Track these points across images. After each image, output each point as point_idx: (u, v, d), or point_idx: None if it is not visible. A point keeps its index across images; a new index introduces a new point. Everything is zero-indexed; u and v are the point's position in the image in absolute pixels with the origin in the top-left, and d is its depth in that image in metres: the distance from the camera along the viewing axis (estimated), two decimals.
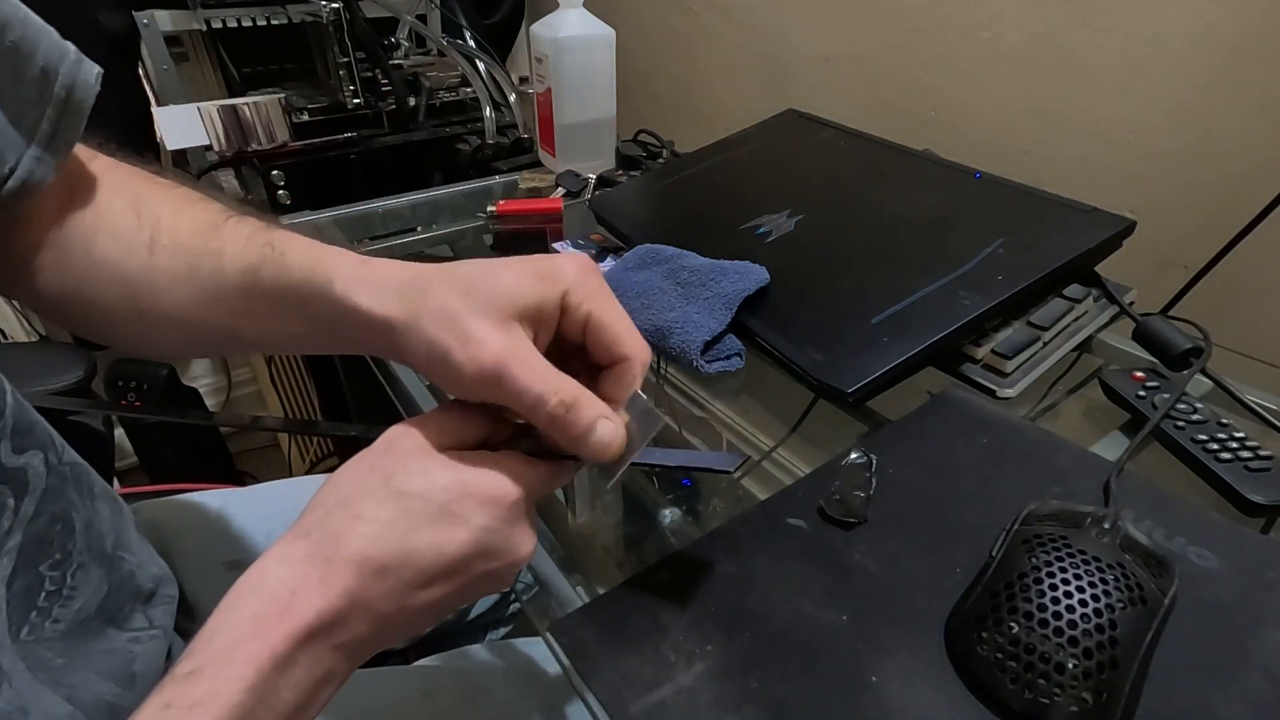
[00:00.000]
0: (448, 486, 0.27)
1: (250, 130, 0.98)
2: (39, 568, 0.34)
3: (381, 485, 0.27)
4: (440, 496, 0.27)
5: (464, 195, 0.95)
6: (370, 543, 0.26)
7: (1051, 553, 0.32)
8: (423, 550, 0.27)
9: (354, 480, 0.28)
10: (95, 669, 0.35)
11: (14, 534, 0.33)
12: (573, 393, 0.29)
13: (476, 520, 0.27)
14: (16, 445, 0.34)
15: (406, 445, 0.29)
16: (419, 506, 0.27)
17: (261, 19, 1.11)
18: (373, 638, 0.27)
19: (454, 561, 0.27)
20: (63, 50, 0.33)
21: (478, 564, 0.28)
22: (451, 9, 1.18)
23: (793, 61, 1.06)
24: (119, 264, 0.36)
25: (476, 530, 0.27)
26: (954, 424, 0.47)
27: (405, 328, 0.29)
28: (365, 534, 0.26)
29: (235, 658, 0.24)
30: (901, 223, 0.61)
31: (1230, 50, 0.64)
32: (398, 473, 0.28)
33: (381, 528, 0.26)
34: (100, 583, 0.38)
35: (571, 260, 0.31)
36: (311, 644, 0.25)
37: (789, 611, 0.35)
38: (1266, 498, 0.41)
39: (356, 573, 0.26)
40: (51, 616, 0.34)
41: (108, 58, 0.97)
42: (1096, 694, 0.29)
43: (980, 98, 0.84)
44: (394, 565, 0.26)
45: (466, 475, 0.28)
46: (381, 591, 0.26)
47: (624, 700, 0.31)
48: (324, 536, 0.27)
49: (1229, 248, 0.60)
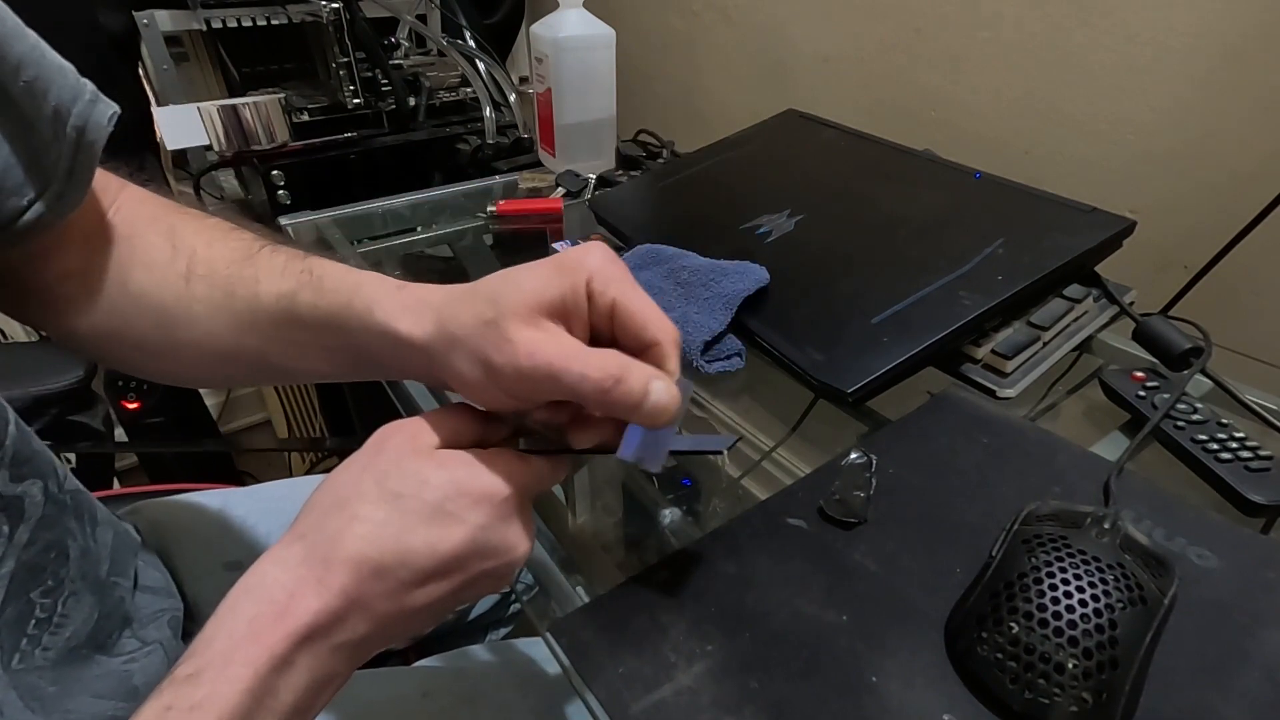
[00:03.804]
0: (441, 485, 0.27)
1: (250, 130, 0.98)
2: (30, 594, 0.34)
3: (375, 486, 0.27)
4: (434, 495, 0.27)
5: (464, 195, 0.95)
6: (367, 543, 0.26)
7: (1051, 553, 0.32)
8: (418, 549, 0.27)
9: (348, 482, 0.28)
10: (91, 693, 0.36)
11: (6, 561, 0.33)
12: (618, 363, 0.28)
13: (471, 519, 0.28)
14: (15, 474, 0.34)
15: (398, 445, 0.29)
16: (413, 506, 0.27)
17: (261, 19, 1.11)
18: (371, 638, 0.28)
19: (450, 560, 0.27)
20: (77, 91, 0.33)
21: (474, 563, 0.28)
22: (451, 9, 1.18)
23: (793, 61, 1.06)
24: (154, 294, 0.36)
25: (471, 529, 0.28)
26: (954, 424, 0.47)
27: (445, 349, 0.30)
28: (361, 534, 0.26)
29: (234, 659, 0.24)
30: (901, 223, 0.61)
31: (1230, 50, 0.64)
32: (391, 473, 0.28)
33: (377, 528, 0.27)
34: (91, 610, 0.37)
35: (593, 249, 0.31)
36: (310, 645, 0.26)
37: (789, 611, 0.35)
38: (1266, 498, 0.41)
39: (353, 573, 0.26)
40: (41, 644, 0.34)
41: (108, 58, 0.97)
42: (1096, 694, 0.29)
43: (980, 98, 0.84)
44: (390, 565, 0.26)
45: (459, 474, 0.28)
46: (379, 591, 0.27)
47: (624, 700, 0.31)
48: (320, 538, 0.27)
49: (1229, 248, 0.60)
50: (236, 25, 1.10)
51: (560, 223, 0.86)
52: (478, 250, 0.85)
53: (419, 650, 0.63)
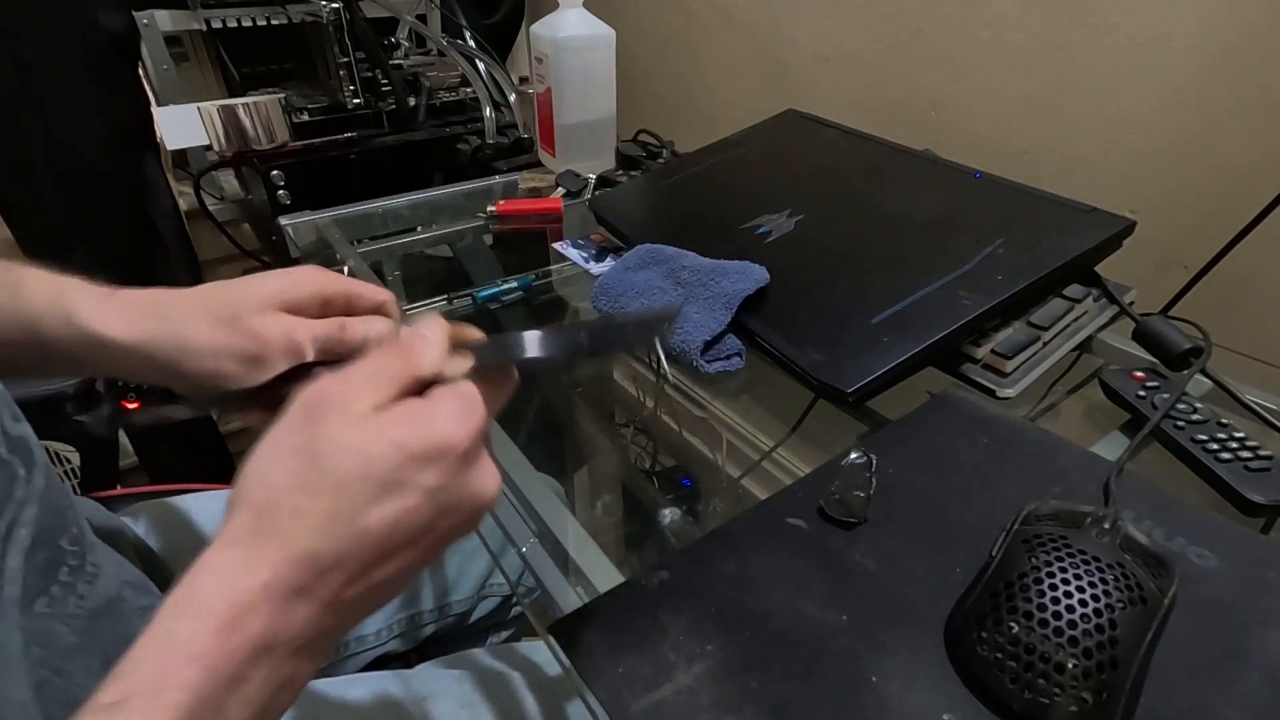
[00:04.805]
0: (384, 455, 0.25)
1: (250, 130, 0.98)
2: (59, 541, 0.34)
3: (313, 471, 0.24)
4: (379, 470, 0.24)
5: (464, 195, 0.95)
6: (316, 537, 0.24)
7: (1051, 553, 0.32)
8: (374, 529, 0.24)
9: (280, 470, 0.25)
10: (105, 657, 0.35)
11: (29, 505, 0.33)
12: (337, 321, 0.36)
13: (425, 481, 0.25)
14: (13, 413, 0.35)
15: (328, 417, 0.25)
16: (359, 488, 0.24)
17: (261, 19, 1.11)
18: (341, 625, 0.26)
19: (411, 530, 0.25)
20: None
21: (440, 521, 0.26)
22: (451, 9, 1.18)
23: (793, 61, 1.06)
24: None
25: (428, 491, 0.25)
26: (954, 424, 0.47)
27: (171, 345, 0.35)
28: (309, 528, 0.24)
29: (169, 684, 0.22)
30: (901, 223, 0.61)
31: (1230, 50, 0.64)
32: (326, 453, 0.25)
33: (324, 520, 0.24)
34: (120, 563, 0.38)
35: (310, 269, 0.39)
36: (266, 656, 0.23)
37: (789, 611, 0.35)
38: (1266, 498, 0.41)
39: (307, 570, 0.24)
40: (78, 593, 0.34)
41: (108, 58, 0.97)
42: (1096, 694, 0.29)
43: (980, 97, 0.84)
44: (348, 553, 0.24)
45: (400, 434, 0.25)
46: (339, 581, 0.25)
47: (624, 700, 0.31)
48: (261, 539, 0.24)
49: (1229, 247, 0.60)
50: (236, 25, 1.10)
51: (560, 223, 0.86)
52: (478, 250, 0.85)
53: (420, 654, 0.63)
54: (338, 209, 0.88)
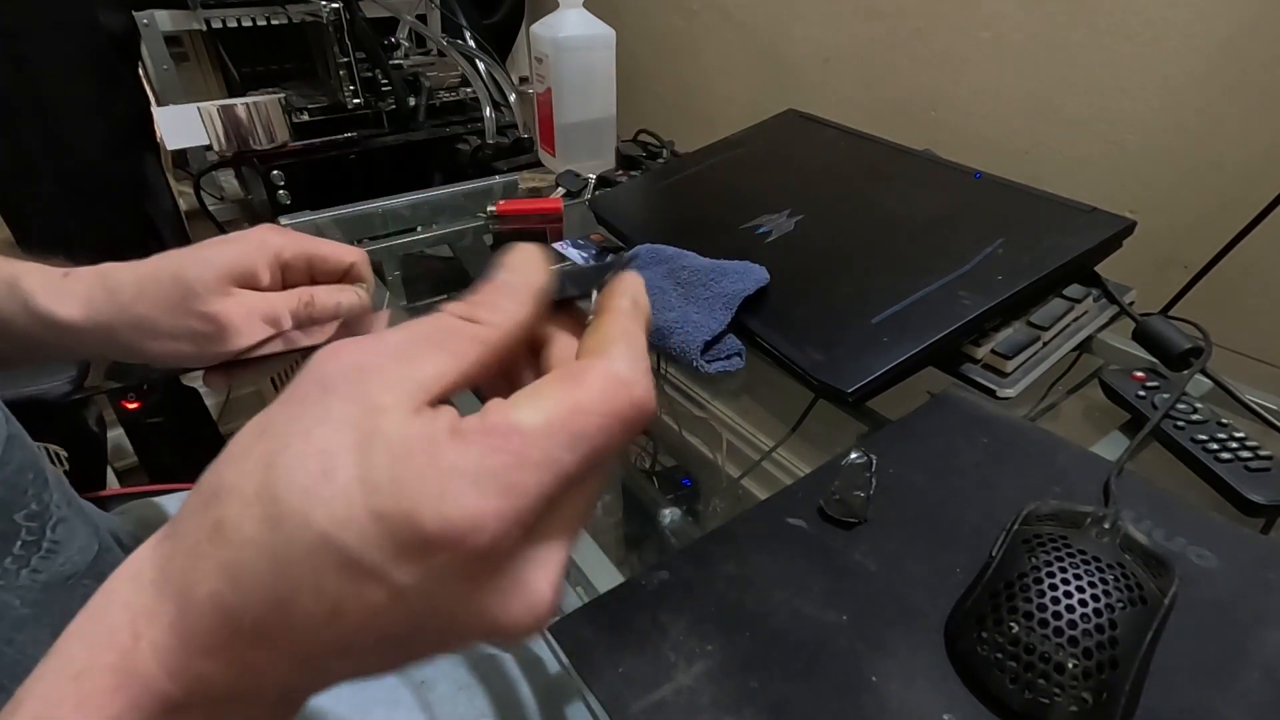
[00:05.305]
0: (357, 525, 0.16)
1: (250, 130, 0.98)
2: (14, 516, 0.34)
3: (261, 480, 0.16)
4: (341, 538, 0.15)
5: (464, 195, 0.95)
6: (226, 580, 0.16)
7: (1051, 553, 0.32)
8: (303, 612, 0.16)
9: (236, 470, 0.17)
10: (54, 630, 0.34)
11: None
12: (307, 291, 0.36)
13: (401, 580, 0.16)
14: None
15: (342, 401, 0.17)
16: (293, 531, 0.16)
17: (261, 19, 1.11)
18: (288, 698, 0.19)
19: (364, 632, 0.16)
20: None
21: (416, 637, 0.17)
22: (451, 9, 1.18)
23: (793, 61, 1.06)
24: None
25: (398, 591, 0.16)
26: (954, 424, 0.47)
27: (129, 326, 0.35)
28: (221, 562, 0.16)
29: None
30: (901, 223, 0.61)
31: (1230, 50, 0.64)
32: (290, 478, 0.16)
33: (244, 554, 0.16)
34: (88, 540, 0.37)
35: (268, 228, 0.37)
36: (177, 716, 0.17)
37: (789, 611, 0.35)
38: (1266, 498, 0.41)
39: (213, 622, 0.16)
40: (30, 566, 0.34)
41: (108, 58, 0.97)
42: (1096, 694, 0.29)
43: (980, 97, 0.84)
44: (261, 626, 0.16)
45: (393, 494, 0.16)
46: (263, 657, 0.17)
47: (624, 700, 0.31)
48: (183, 548, 0.17)
49: (1229, 247, 0.60)
50: (236, 25, 1.10)
51: (560, 223, 0.86)
52: (478, 250, 0.85)
53: None
54: (338, 209, 0.88)
